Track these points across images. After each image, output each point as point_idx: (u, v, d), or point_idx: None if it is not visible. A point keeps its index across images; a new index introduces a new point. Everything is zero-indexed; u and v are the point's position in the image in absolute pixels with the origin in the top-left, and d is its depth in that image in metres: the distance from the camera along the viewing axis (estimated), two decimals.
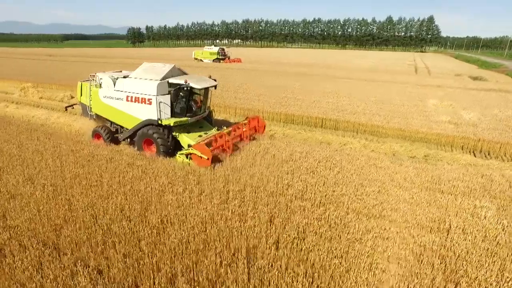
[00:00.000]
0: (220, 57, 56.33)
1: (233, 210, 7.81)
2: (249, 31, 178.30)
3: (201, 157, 10.32)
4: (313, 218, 7.48)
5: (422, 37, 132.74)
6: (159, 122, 11.37)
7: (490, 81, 35.71)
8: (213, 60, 56.02)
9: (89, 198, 8.31)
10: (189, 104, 11.89)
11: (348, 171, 10.15)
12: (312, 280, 5.67)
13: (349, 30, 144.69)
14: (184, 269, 5.87)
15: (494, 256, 6.30)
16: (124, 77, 12.37)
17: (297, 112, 17.87)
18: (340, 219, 7.47)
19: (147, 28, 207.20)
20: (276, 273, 5.73)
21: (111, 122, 13.13)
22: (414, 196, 8.67)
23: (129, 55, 73.68)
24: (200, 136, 11.86)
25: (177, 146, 11.66)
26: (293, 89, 25.12)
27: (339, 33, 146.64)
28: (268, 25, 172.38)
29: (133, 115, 11.99)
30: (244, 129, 12.84)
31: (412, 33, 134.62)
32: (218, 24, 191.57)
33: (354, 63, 57.33)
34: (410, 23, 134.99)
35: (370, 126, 15.90)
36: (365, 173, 10.10)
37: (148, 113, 11.53)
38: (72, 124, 16.32)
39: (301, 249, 6.40)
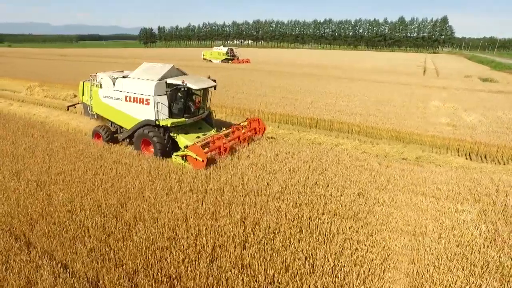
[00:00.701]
0: (229, 57, 56.52)
1: (207, 208, 7.83)
2: (260, 31, 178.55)
3: (196, 159, 10.16)
4: (286, 219, 7.43)
5: (435, 38, 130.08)
6: (157, 122, 11.26)
7: (500, 82, 34.75)
8: (221, 61, 56.30)
9: (69, 194, 8.47)
10: (186, 105, 11.70)
11: (332, 172, 10.03)
12: (272, 280, 5.63)
13: (360, 30, 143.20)
14: (146, 265, 5.92)
15: (465, 261, 6.12)
16: (124, 77, 12.35)
17: (292, 112, 17.79)
18: (313, 220, 7.40)
19: (159, 28, 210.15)
20: (236, 272, 5.72)
21: (111, 122, 13.14)
22: (395, 198, 8.51)
23: (140, 55, 74.86)
24: (198, 137, 11.69)
25: (175, 147, 11.51)
26: (293, 90, 25.02)
27: (350, 33, 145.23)
28: (279, 25, 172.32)
29: (131, 115, 11.96)
30: (243, 131, 12.51)
31: (425, 34, 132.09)
32: (229, 25, 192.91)
33: (362, 64, 56.64)
34: (423, 23, 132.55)
35: (364, 127, 15.68)
36: (349, 174, 9.96)
37: (146, 113, 11.46)
38: (70, 122, 16.70)
39: (268, 249, 6.37)
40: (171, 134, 11.57)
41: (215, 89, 12.40)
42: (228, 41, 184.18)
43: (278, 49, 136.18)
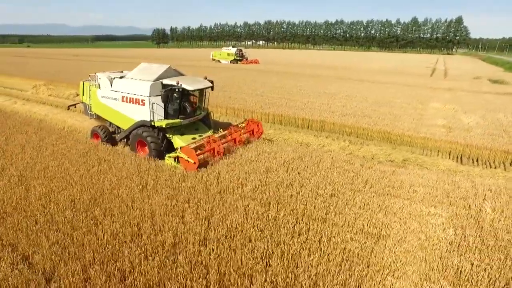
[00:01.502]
0: (238, 58, 56.39)
1: (176, 205, 7.94)
2: (271, 32, 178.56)
3: (187, 161, 10.08)
4: (251, 218, 7.45)
5: (449, 38, 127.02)
6: (152, 123, 11.17)
7: (510, 84, 33.68)
8: (230, 61, 56.29)
9: (47, 189, 8.71)
10: (182, 106, 11.56)
11: (310, 173, 9.98)
12: (222, 278, 5.67)
13: (372, 31, 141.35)
14: (103, 259, 6.06)
15: (423, 265, 6.01)
16: (121, 77, 12.34)
17: (285, 112, 17.75)
18: (278, 220, 7.39)
19: (171, 29, 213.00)
20: (188, 269, 5.78)
21: (110, 122, 13.17)
22: (367, 200, 8.40)
23: (149, 55, 76.11)
24: (194, 138, 11.55)
25: (171, 148, 11.37)
26: (293, 91, 24.90)
27: (362, 34, 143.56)
28: (290, 26, 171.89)
29: (128, 115, 11.93)
30: (239, 133, 12.31)
31: (438, 35, 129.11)
32: (240, 26, 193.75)
33: (370, 65, 55.92)
34: (437, 24, 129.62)
35: (356, 128, 15.50)
36: (327, 175, 9.87)
37: (142, 114, 11.38)
38: (67, 120, 17.15)
39: (225, 247, 6.40)
40: (167, 135, 11.47)
41: (212, 89, 12.32)
42: (240, 42, 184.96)
43: (289, 50, 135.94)
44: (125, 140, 12.71)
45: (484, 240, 6.75)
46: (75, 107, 16.84)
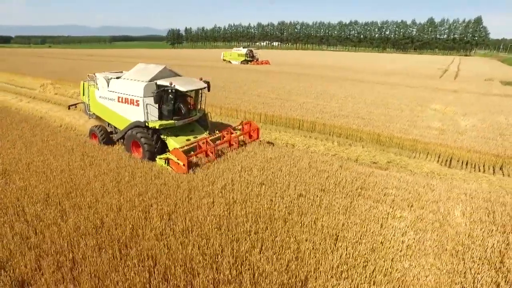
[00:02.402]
0: (248, 58, 56.15)
1: (143, 200, 8.11)
2: (284, 33, 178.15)
3: (177, 162, 9.96)
4: (213, 215, 7.53)
5: (467, 39, 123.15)
6: (146, 124, 11.11)
7: None
8: (241, 62, 55.94)
9: (26, 183, 9.07)
10: (176, 107, 11.45)
11: (284, 173, 9.91)
12: (165, 271, 5.77)
13: (387, 32, 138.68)
14: (59, 249, 6.27)
15: (371, 268, 5.92)
16: (117, 78, 12.25)
17: (278, 113, 17.73)
18: (237, 218, 7.42)
19: (185, 30, 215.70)
20: (136, 261, 5.92)
21: (108, 122, 13.15)
22: (334, 201, 8.31)
23: (162, 56, 77.52)
24: (188, 140, 11.42)
25: (165, 149, 11.27)
26: (293, 91, 24.75)
27: (376, 35, 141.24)
28: (304, 27, 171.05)
29: (124, 116, 11.90)
30: (233, 134, 12.10)
31: (455, 36, 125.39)
32: (253, 26, 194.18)
33: (380, 66, 55.00)
34: (454, 24, 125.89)
35: (346, 129, 15.35)
36: (301, 175, 9.78)
37: (137, 114, 11.31)
38: (65, 118, 17.70)
39: (178, 243, 6.48)
40: (162, 136, 11.38)
41: (208, 90, 12.20)
42: (254, 43, 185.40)
43: (302, 51, 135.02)
44: (122, 140, 12.58)
45: (444, 245, 6.60)
46: (76, 107, 17.20)
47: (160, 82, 11.14)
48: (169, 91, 11.06)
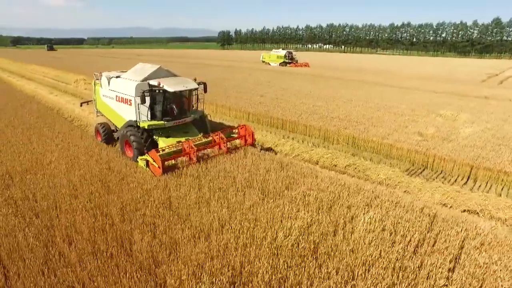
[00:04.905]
0: (287, 60, 55.84)
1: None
2: (333, 35, 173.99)
3: (153, 164, 9.79)
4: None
5: None
6: (137, 123, 11.19)
7: None
8: (279, 64, 55.84)
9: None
10: (167, 108, 11.40)
11: (227, 171, 9.86)
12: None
13: (443, 35, 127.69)
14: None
15: (238, 267, 5.89)
16: (117, 77, 12.41)
17: (266, 112, 17.81)
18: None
19: (235, 31, 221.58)
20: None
21: (110, 121, 13.32)
22: (248, 201, 8.21)
23: (208, 56, 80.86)
24: (179, 141, 11.05)
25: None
26: (300, 93, 24.32)
27: (431, 38, 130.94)
28: (353, 29, 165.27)
29: (121, 115, 12.08)
30: (224, 139, 11.45)
31: None
32: (302, 29, 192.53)
33: (419, 70, 51.33)
34: None
35: (324, 131, 14.96)
36: (232, 171, 9.79)
37: (130, 114, 11.39)
38: (75, 109, 19.69)
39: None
40: (154, 137, 11.32)
41: (205, 91, 12.15)
42: (302, 45, 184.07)
43: (349, 54, 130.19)
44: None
45: (317, 249, 6.35)
46: (87, 104, 18.51)
47: (152, 82, 11.05)
48: (158, 91, 11.02)
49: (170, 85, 10.74)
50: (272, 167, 10.32)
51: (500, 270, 5.62)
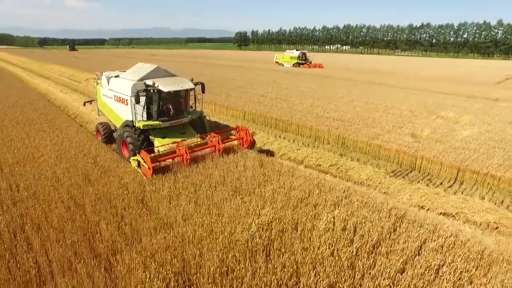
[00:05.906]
0: (300, 61, 55.51)
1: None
2: (350, 36, 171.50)
3: (144, 165, 9.64)
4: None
5: None
6: (133, 123, 11.18)
7: None
8: (292, 65, 55.54)
9: None
10: (163, 108, 11.38)
11: (206, 168, 9.96)
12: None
13: (465, 35, 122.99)
14: None
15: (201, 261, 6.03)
16: (116, 76, 12.43)
17: (260, 111, 17.87)
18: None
19: (252, 32, 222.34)
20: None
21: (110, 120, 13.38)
22: (217, 198, 8.32)
23: (223, 57, 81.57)
24: (174, 142, 10.94)
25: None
26: (304, 94, 24.22)
27: (451, 39, 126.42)
28: (370, 30, 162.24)
29: (119, 115, 12.12)
30: (218, 140, 11.15)
31: None
32: (319, 29, 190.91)
33: (435, 71, 49.89)
34: None
35: (315, 131, 14.89)
36: (218, 170, 9.88)
37: (127, 113, 11.39)
38: (79, 107, 20.40)
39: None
40: (150, 137, 11.31)
41: (203, 92, 12.13)
42: (319, 46, 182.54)
43: (367, 55, 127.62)
44: None
45: (271, 245, 6.39)
46: (91, 103, 18.93)
47: (148, 81, 10.98)
48: (153, 91, 10.97)
49: (165, 85, 10.69)
50: (251, 165, 10.38)
51: (449, 273, 5.50)
